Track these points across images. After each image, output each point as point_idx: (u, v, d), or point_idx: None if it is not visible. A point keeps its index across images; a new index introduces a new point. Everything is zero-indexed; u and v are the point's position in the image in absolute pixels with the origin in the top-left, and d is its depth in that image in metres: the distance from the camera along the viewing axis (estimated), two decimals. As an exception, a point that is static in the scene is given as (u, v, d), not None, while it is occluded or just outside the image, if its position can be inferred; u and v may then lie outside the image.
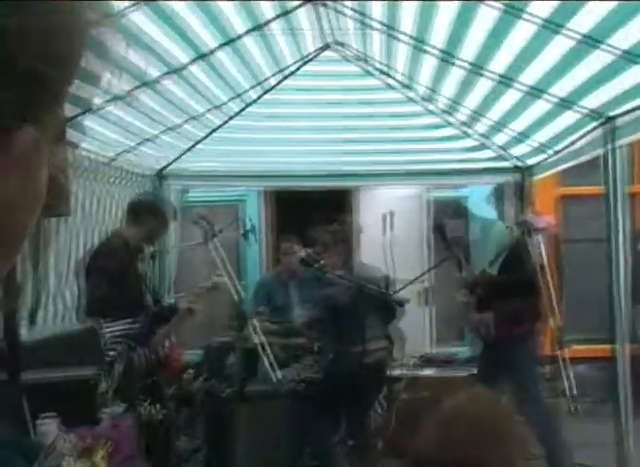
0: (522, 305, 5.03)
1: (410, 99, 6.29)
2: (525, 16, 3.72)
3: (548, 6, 3.53)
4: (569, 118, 4.99)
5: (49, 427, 2.64)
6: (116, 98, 4.74)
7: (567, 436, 4.64)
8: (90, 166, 5.36)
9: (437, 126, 6.57)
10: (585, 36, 3.67)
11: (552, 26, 3.71)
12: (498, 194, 7.12)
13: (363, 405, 4.97)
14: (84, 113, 4.62)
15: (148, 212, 4.83)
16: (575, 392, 3.67)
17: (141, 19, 3.96)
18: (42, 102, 0.50)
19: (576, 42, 3.77)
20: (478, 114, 5.86)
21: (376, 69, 6.00)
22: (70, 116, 4.42)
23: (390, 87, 6.18)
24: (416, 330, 7.50)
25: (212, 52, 4.82)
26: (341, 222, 5.26)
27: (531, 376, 5.02)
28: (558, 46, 3.90)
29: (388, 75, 6.02)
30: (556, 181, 7.55)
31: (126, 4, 3.73)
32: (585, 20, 3.51)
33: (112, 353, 3.66)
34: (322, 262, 5.03)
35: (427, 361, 5.67)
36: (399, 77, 5.95)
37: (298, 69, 6.01)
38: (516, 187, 6.88)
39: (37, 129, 0.51)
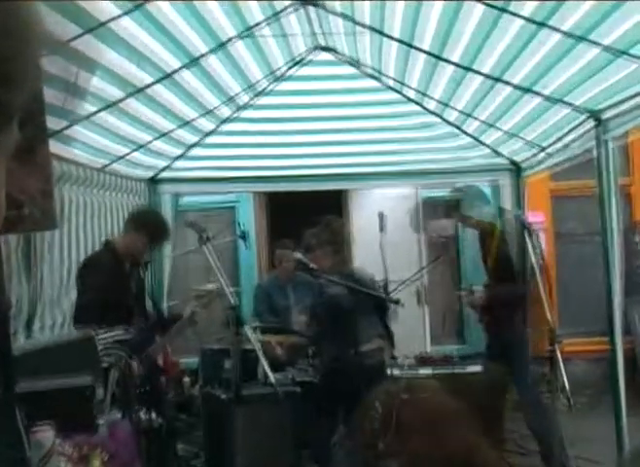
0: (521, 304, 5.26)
1: (402, 100, 6.30)
2: (512, 14, 3.74)
3: (533, 3, 3.55)
4: (559, 114, 5.01)
5: (44, 436, 2.64)
6: (107, 105, 4.76)
7: (564, 431, 4.67)
8: (83, 175, 5.36)
9: (428, 126, 6.58)
10: (571, 33, 3.68)
11: (539, 24, 3.72)
12: (491, 192, 7.13)
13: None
14: (73, 123, 4.64)
15: (146, 224, 4.83)
16: (568, 387, 3.67)
17: (131, 25, 3.97)
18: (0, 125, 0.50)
19: (562, 39, 3.78)
20: (468, 113, 5.88)
21: (367, 71, 6.01)
22: (58, 128, 4.44)
23: (381, 88, 6.19)
24: (412, 330, 7.51)
25: (203, 56, 4.83)
26: (325, 224, 5.25)
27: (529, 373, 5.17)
28: (545, 43, 3.92)
29: (379, 76, 6.03)
30: (548, 177, 7.57)
31: (117, 9, 3.74)
32: (570, 17, 3.53)
33: (107, 361, 3.66)
34: (311, 265, 5.04)
35: (423, 361, 5.67)
36: (390, 78, 5.96)
37: (290, 72, 6.02)
38: (509, 184, 6.90)
39: None
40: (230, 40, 4.78)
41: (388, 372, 5.16)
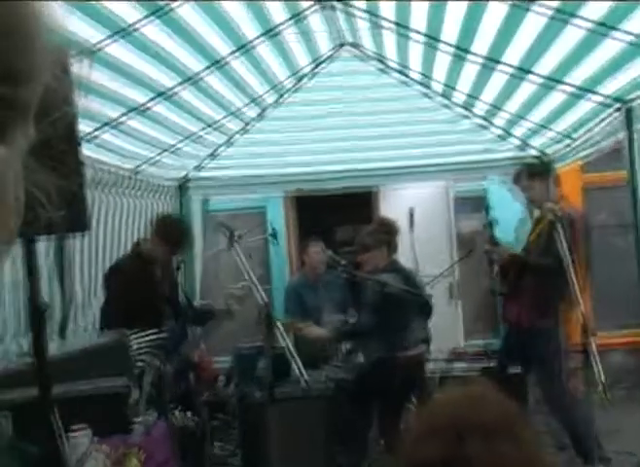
0: (551, 291, 4.95)
1: (428, 95, 6.28)
2: (537, 6, 3.71)
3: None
4: (587, 105, 4.96)
5: (81, 438, 2.68)
6: (134, 111, 4.80)
7: (600, 424, 4.61)
8: (113, 180, 5.42)
9: (456, 121, 6.55)
10: (597, 23, 3.65)
11: (565, 15, 3.69)
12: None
13: (396, 404, 4.96)
14: (102, 126, 4.69)
15: (167, 232, 4.84)
16: (604, 380, 3.63)
17: (154, 30, 4.00)
18: (9, 121, 0.51)
19: (589, 29, 3.75)
20: (496, 107, 5.84)
21: (392, 67, 6.00)
22: (88, 131, 4.49)
23: (407, 83, 6.17)
24: (445, 325, 7.47)
25: (227, 58, 4.85)
26: (380, 223, 5.20)
27: (554, 366, 4.99)
28: (572, 34, 3.88)
29: (404, 72, 6.01)
30: (580, 169, 7.48)
31: (140, 16, 3.78)
32: (597, 7, 3.49)
33: (141, 364, 3.70)
34: (343, 262, 5.03)
35: (457, 355, 5.66)
36: (415, 74, 5.94)
37: (314, 70, 6.03)
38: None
39: (7, 148, 0.51)
40: (253, 41, 4.79)
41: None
